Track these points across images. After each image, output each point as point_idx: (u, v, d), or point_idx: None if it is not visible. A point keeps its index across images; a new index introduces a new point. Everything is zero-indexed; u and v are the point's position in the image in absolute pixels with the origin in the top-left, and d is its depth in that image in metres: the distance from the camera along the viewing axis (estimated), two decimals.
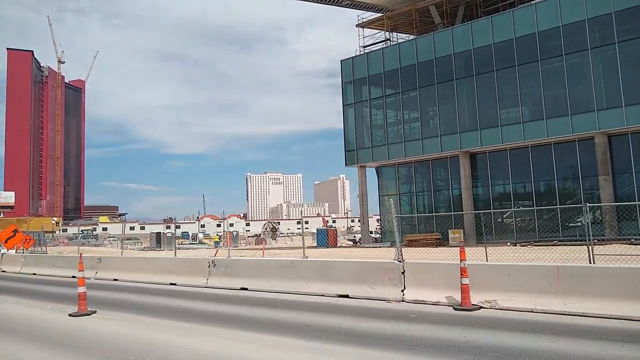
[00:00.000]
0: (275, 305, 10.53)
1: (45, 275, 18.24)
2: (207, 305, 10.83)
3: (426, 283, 9.43)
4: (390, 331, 7.58)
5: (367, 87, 42.45)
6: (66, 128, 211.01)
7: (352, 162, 42.90)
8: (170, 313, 10.01)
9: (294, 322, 8.67)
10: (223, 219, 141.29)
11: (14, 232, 21.56)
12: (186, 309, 10.57)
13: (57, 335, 8.37)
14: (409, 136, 40.04)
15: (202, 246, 54.97)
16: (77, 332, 8.53)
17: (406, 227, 39.58)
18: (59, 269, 18.16)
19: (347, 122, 43.60)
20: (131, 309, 10.72)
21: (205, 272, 13.27)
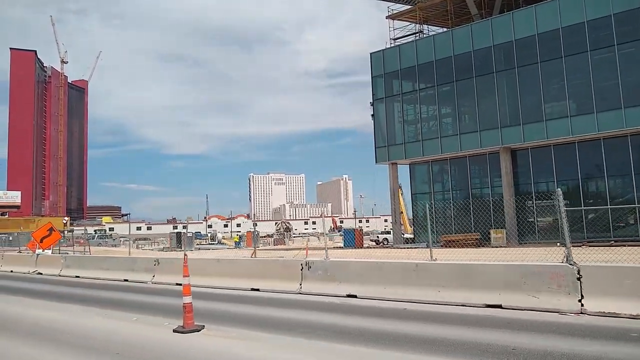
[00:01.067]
0: (408, 318, 8.67)
1: (91, 279, 16.34)
2: (321, 317, 8.97)
3: (614, 291, 7.58)
4: (593, 354, 5.76)
5: (399, 81, 40.61)
6: (69, 128, 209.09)
7: (382, 159, 41.03)
8: (285, 327, 8.14)
9: (458, 340, 6.79)
10: (230, 219, 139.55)
11: (50, 231, 19.68)
12: (299, 321, 8.68)
13: (173, 357, 6.53)
14: (444, 132, 38.19)
15: (222, 246, 53.08)
16: (195, 354, 6.68)
17: (439, 227, 37.75)
18: (107, 271, 16.28)
19: (377, 117, 41.73)
20: (234, 321, 8.82)
21: (297, 276, 11.41)
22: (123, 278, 15.52)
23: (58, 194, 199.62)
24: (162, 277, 14.48)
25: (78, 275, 17.19)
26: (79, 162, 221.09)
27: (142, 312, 9.86)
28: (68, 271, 17.78)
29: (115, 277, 15.74)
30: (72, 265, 17.80)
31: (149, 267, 15.02)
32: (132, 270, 15.54)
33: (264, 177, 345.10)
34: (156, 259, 14.86)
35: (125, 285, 14.80)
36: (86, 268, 17.15)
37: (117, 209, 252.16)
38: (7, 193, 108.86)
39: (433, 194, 39.58)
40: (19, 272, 19.71)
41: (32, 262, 19.70)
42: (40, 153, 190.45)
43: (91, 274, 16.70)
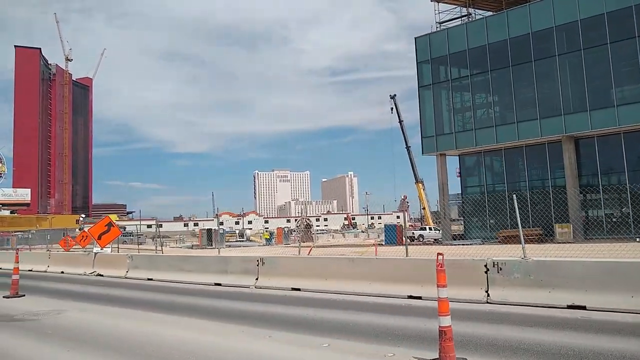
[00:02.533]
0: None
1: (170, 282, 13.64)
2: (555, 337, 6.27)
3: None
4: None
5: (447, 67, 37.89)
6: (74, 126, 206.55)
7: (430, 150, 38.35)
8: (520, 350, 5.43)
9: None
10: (242, 215, 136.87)
11: (109, 227, 16.96)
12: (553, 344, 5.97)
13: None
14: (499, 120, 35.49)
15: (252, 244, 50.40)
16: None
17: (493, 222, 35.14)
18: (190, 274, 13.56)
19: (424, 105, 39.05)
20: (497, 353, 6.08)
21: (479, 281, 8.73)
22: (214, 282, 12.82)
23: (63, 192, 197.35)
24: (269, 280, 11.79)
25: (150, 277, 14.48)
26: (84, 160, 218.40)
27: (310, 331, 7.17)
28: (136, 273, 15.08)
29: (202, 281, 13.04)
30: (141, 266, 15.09)
31: (248, 268, 12.32)
32: (225, 272, 12.82)
33: (269, 175, 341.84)
34: (259, 258, 12.14)
35: (223, 290, 12.11)
36: (161, 270, 14.44)
37: (122, 207, 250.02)
38: (16, 190, 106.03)
39: (485, 187, 36.91)
40: (74, 274, 17.01)
41: (87, 262, 16.99)
42: (45, 151, 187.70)
43: (168, 277, 14.00)
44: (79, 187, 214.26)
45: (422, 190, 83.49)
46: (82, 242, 30.06)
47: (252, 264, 12.35)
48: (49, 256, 18.89)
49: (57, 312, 9.60)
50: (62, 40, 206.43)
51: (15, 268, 12.43)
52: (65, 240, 31.10)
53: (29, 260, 20.23)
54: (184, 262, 13.98)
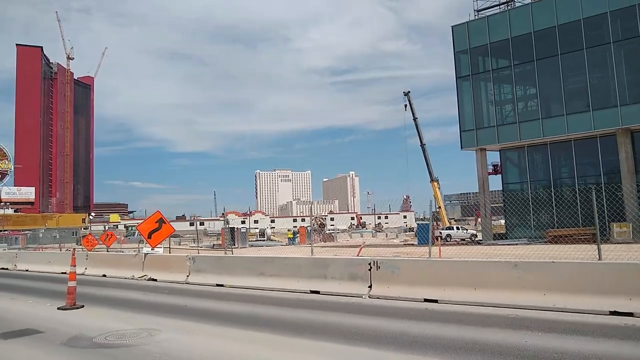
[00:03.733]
0: None
1: (246, 289, 11.26)
2: None
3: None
4: None
5: (488, 56, 35.57)
6: (75, 125, 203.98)
7: (469, 145, 36.01)
8: None
9: None
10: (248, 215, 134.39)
11: (160, 223, 14.53)
12: None
13: None
14: (545, 112, 33.19)
15: (274, 243, 47.97)
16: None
17: (542, 221, 32.83)
18: (273, 279, 11.17)
19: (462, 97, 36.72)
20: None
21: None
22: (309, 289, 10.44)
23: (65, 192, 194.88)
24: (389, 289, 9.42)
25: (220, 283, 12.08)
26: (85, 159, 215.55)
27: None
28: (200, 277, 12.67)
29: (292, 287, 10.66)
30: (206, 270, 12.68)
31: (356, 273, 9.94)
32: (324, 277, 10.43)
33: (270, 174, 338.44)
34: (372, 260, 9.77)
35: (323, 300, 9.73)
36: (234, 274, 12.01)
37: (124, 207, 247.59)
38: (20, 189, 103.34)
39: (529, 183, 34.59)
40: (119, 278, 14.60)
41: (135, 264, 14.57)
42: (46, 150, 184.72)
43: (245, 282, 11.60)
44: (80, 187, 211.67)
45: (438, 189, 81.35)
46: (107, 242, 27.74)
47: (361, 268, 9.97)
48: (86, 257, 16.45)
49: (147, 332, 7.20)
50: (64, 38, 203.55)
51: (72, 273, 10.02)
52: (88, 239, 28.71)
53: (60, 261, 17.81)
54: (266, 264, 11.54)
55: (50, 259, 18.17)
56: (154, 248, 14.50)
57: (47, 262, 18.11)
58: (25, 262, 19.27)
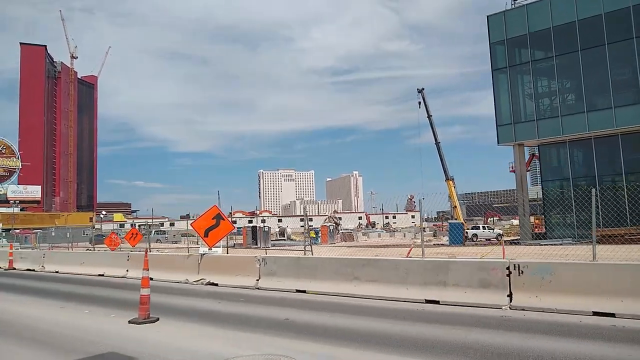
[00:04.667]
0: None
1: (339, 296, 9.43)
2: None
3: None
4: None
5: (527, 47, 33.67)
6: (79, 124, 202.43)
7: (507, 140, 34.15)
8: None
9: None
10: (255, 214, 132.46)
11: (217, 220, 12.67)
12: None
13: None
14: (590, 105, 31.29)
15: (295, 243, 46.03)
16: None
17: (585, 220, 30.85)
18: (372, 285, 9.32)
19: (498, 91, 34.85)
20: None
21: None
22: (423, 298, 8.61)
23: (68, 191, 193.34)
24: (541, 300, 7.58)
25: (302, 289, 10.23)
26: (89, 158, 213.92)
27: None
28: (273, 281, 10.82)
29: (399, 296, 8.82)
30: (281, 273, 10.81)
31: (488, 279, 8.10)
32: (443, 284, 8.57)
33: (274, 174, 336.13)
34: (513, 263, 7.93)
35: (449, 312, 7.90)
36: (319, 278, 10.14)
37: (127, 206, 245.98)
38: (26, 188, 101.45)
39: (571, 180, 32.71)
40: (171, 282, 12.72)
41: (189, 266, 12.71)
42: (50, 149, 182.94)
43: (333, 288, 9.76)
44: (84, 186, 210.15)
45: (453, 188, 79.45)
46: (132, 241, 25.85)
47: (496, 273, 8.12)
48: (127, 258, 14.57)
49: (264, 357, 5.38)
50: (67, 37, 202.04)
51: (145, 278, 8.17)
52: (111, 239, 26.84)
53: (95, 261, 15.97)
54: (363, 268, 9.67)
55: (83, 260, 16.31)
56: (211, 248, 12.63)
57: (80, 263, 16.26)
58: (54, 262, 17.42)
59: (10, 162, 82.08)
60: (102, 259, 15.89)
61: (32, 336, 7.20)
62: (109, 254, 16.23)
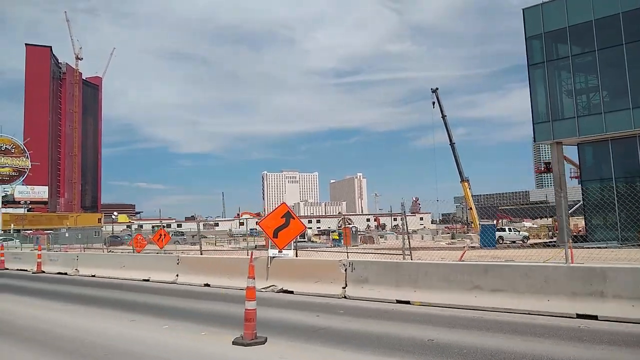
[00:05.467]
0: None
1: (453, 308, 7.94)
2: None
3: None
4: None
5: (566, 41, 32.17)
6: (83, 125, 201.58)
7: (544, 138, 32.67)
8: None
9: None
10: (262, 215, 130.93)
11: (287, 219, 11.18)
12: None
13: None
14: (636, 102, 29.76)
15: (317, 245, 44.56)
16: None
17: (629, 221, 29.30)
18: (498, 295, 7.83)
19: (535, 87, 33.37)
20: None
21: None
22: (574, 312, 7.10)
23: (73, 192, 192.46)
24: None
25: (404, 299, 8.72)
26: (93, 159, 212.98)
27: None
28: (365, 290, 9.31)
29: (533, 308, 7.32)
30: (372, 279, 9.30)
31: None
32: (600, 295, 7.06)
33: (277, 176, 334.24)
34: None
35: (608, 330, 6.40)
36: (422, 286, 8.66)
37: (131, 207, 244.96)
38: (34, 188, 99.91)
39: (614, 180, 31.15)
40: (231, 288, 11.25)
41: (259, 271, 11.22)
42: (55, 150, 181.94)
43: (443, 299, 8.27)
44: (88, 187, 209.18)
45: (468, 190, 77.77)
46: (160, 242, 24.35)
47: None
48: (177, 261, 13.05)
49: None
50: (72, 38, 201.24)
51: (251, 289, 6.66)
52: (137, 240, 25.35)
53: (137, 265, 14.46)
54: (485, 275, 8.15)
55: (124, 263, 14.80)
56: (281, 250, 11.13)
57: (120, 266, 14.75)
58: (89, 265, 15.92)
59: (19, 161, 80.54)
60: (146, 262, 14.37)
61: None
62: (152, 257, 14.70)
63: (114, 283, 13.76)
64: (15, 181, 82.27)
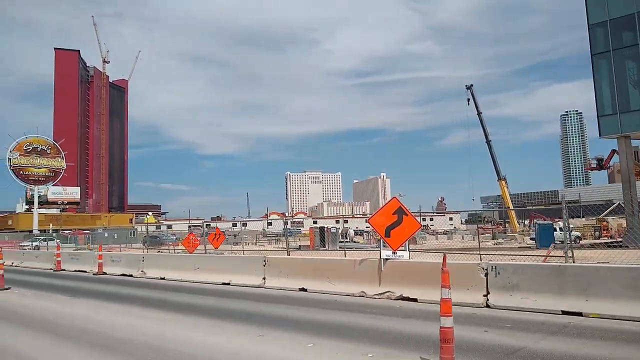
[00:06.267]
0: None
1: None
2: None
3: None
4: None
5: (634, 28, 30.00)
6: (110, 127, 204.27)
7: (611, 132, 30.55)
8: None
9: None
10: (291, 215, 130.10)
11: (399, 215, 9.75)
12: None
13: None
14: None
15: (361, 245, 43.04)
16: None
17: None
18: None
19: (599, 77, 31.27)
20: None
21: None
22: None
23: (101, 192, 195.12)
24: None
25: (573, 310, 7.21)
26: (120, 160, 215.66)
27: None
28: (516, 299, 7.83)
29: None
30: (523, 286, 7.82)
31: None
32: None
33: (301, 176, 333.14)
34: None
35: None
36: (598, 295, 7.17)
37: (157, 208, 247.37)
38: (66, 189, 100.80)
39: None
40: (335, 294, 9.87)
41: (364, 275, 9.79)
42: (83, 152, 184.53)
43: (629, 311, 6.73)
44: (115, 188, 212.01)
45: (506, 188, 75.22)
46: (215, 243, 23.22)
47: None
48: (264, 262, 11.71)
49: None
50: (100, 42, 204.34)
51: (447, 302, 5.24)
52: (189, 240, 24.29)
53: (215, 267, 13.20)
54: None
55: (198, 265, 13.55)
56: (395, 251, 9.70)
57: (194, 268, 13.52)
58: (156, 267, 14.75)
59: (55, 162, 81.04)
60: (224, 263, 13.09)
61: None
62: (232, 258, 13.39)
63: (191, 287, 12.53)
64: (50, 182, 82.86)
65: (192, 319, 8.40)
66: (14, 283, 13.92)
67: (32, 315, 9.35)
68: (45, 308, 10.27)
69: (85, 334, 7.32)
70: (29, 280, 15.77)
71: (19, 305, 10.71)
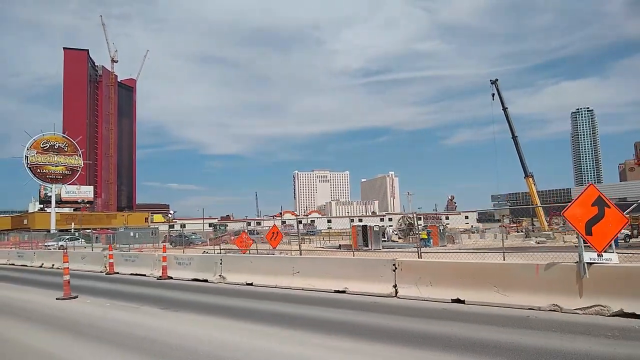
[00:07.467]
0: None
1: None
2: None
3: None
4: None
5: None
6: (119, 127, 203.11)
7: None
8: None
9: None
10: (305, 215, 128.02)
11: (600, 207, 7.52)
12: None
13: None
14: None
15: (401, 245, 40.90)
16: None
17: None
18: None
19: None
20: None
21: None
22: None
23: (109, 192, 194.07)
24: None
25: None
26: (128, 160, 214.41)
27: None
28: None
29: None
30: None
31: None
32: None
33: (308, 175, 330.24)
34: None
35: None
36: None
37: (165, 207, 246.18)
38: (80, 188, 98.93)
39: None
40: (502, 305, 7.64)
41: (552, 283, 7.56)
42: (92, 151, 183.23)
43: None
44: (124, 187, 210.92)
45: (533, 186, 72.62)
46: (273, 242, 21.07)
47: None
48: (393, 266, 9.43)
49: None
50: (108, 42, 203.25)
51: None
52: (242, 239, 22.17)
53: (319, 270, 10.99)
54: None
55: (298, 268, 11.27)
56: (601, 253, 7.45)
57: (292, 272, 11.27)
58: (238, 271, 12.50)
59: (72, 160, 79.04)
60: (333, 266, 10.83)
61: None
62: (342, 260, 11.03)
63: (301, 296, 10.27)
64: (68, 180, 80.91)
65: (349, 344, 6.17)
66: (74, 289, 11.76)
67: (132, 334, 7.20)
68: (139, 324, 8.10)
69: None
70: (88, 285, 13.61)
71: (105, 319, 8.54)
